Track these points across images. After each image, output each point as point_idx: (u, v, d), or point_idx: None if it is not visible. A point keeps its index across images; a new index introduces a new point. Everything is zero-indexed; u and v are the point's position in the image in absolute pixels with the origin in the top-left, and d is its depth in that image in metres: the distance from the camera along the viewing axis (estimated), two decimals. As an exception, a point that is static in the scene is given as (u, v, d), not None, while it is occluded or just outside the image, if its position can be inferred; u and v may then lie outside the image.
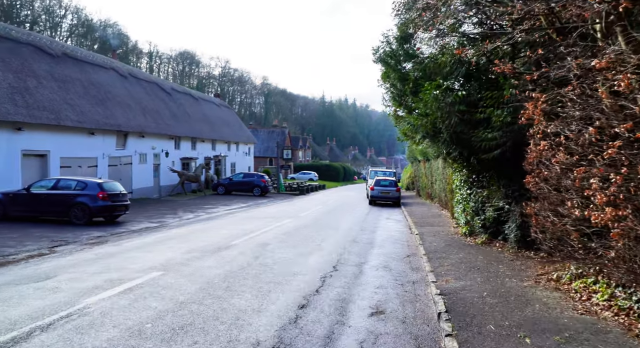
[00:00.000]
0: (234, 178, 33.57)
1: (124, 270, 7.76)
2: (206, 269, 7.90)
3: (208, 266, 8.15)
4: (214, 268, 8.00)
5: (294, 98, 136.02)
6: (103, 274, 7.39)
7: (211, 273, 7.57)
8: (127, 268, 7.93)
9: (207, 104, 42.64)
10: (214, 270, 7.80)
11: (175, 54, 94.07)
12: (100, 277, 7.19)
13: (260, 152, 63.01)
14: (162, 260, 8.70)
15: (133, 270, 7.70)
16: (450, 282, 7.26)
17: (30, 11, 61.16)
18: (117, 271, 7.63)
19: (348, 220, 17.51)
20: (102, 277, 7.13)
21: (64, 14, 64.99)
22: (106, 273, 7.47)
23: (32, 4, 60.97)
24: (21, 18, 58.52)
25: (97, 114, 23.02)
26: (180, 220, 17.13)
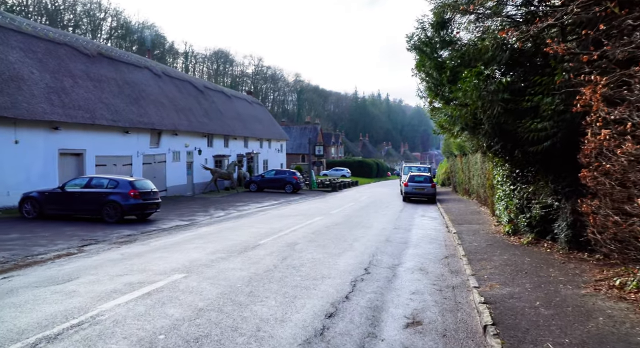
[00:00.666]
0: (266, 175, 33.43)
1: (146, 272, 7.46)
2: (230, 271, 7.50)
3: (232, 268, 7.74)
4: (238, 270, 7.59)
5: (326, 94, 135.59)
6: (124, 276, 7.12)
7: (235, 276, 7.15)
8: (150, 270, 7.64)
9: (240, 101, 42.75)
10: (238, 273, 7.39)
11: (209, 53, 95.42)
12: (121, 279, 6.91)
13: (292, 149, 62.90)
14: (187, 261, 8.38)
15: (155, 272, 7.39)
16: (495, 288, 6.53)
17: (73, 15, 63.35)
18: (139, 273, 7.34)
19: (381, 218, 16.84)
20: (123, 280, 6.85)
21: (103, 16, 66.95)
22: (128, 275, 7.20)
23: (75, 7, 63.12)
24: (65, 22, 60.66)
25: (131, 112, 23.28)
26: (211, 218, 16.95)
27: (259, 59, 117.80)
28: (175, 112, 28.16)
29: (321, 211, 19.07)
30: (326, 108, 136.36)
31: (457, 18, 10.22)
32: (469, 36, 10.43)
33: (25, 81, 17.74)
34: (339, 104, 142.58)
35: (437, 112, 11.31)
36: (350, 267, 8.16)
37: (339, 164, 67.15)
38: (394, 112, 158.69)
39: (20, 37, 19.34)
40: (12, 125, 16.82)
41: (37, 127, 17.79)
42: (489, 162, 15.02)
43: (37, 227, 13.32)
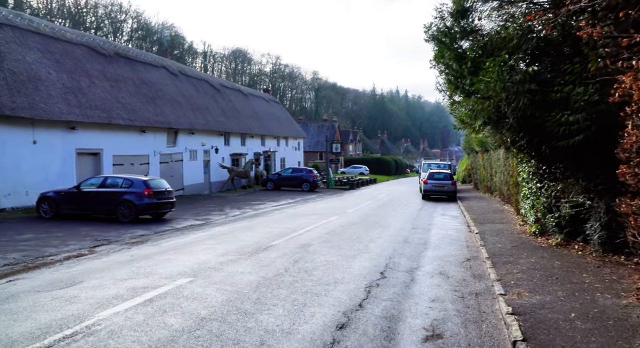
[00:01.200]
0: (283, 173, 33.17)
1: (152, 275, 7.17)
2: (238, 275, 7.14)
3: (241, 272, 7.38)
4: (247, 274, 7.22)
5: (344, 92, 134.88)
6: (129, 281, 6.83)
7: (243, 281, 6.79)
8: (156, 273, 7.34)
9: (256, 99, 42.58)
10: (246, 277, 7.02)
11: (228, 53, 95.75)
12: (125, 284, 6.63)
13: (310, 147, 62.55)
14: (195, 263, 8.06)
15: (161, 276, 7.09)
16: (523, 296, 5.99)
17: (95, 17, 64.30)
18: (145, 277, 7.05)
19: (399, 217, 16.30)
20: (127, 285, 6.56)
21: (124, 18, 67.75)
22: (132, 279, 6.91)
23: (96, 10, 64.05)
24: (87, 24, 61.59)
25: (147, 112, 23.25)
26: (226, 217, 16.71)
27: (276, 58, 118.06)
28: (192, 110, 28.08)
29: (337, 210, 18.63)
30: (344, 105, 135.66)
31: (479, 6, 9.63)
32: (491, 25, 9.84)
33: (43, 81, 17.79)
34: (357, 101, 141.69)
35: (457, 106, 10.73)
36: (366, 270, 7.70)
37: (356, 162, 66.53)
38: (412, 109, 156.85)
39: (38, 38, 19.43)
40: (30, 126, 16.89)
41: (55, 127, 17.83)
42: (513, 158, 14.33)
43: (53, 227, 13.26)
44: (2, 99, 15.64)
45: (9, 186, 16.23)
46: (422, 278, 7.35)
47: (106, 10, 65.65)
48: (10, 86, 16.17)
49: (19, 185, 16.53)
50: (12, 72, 16.60)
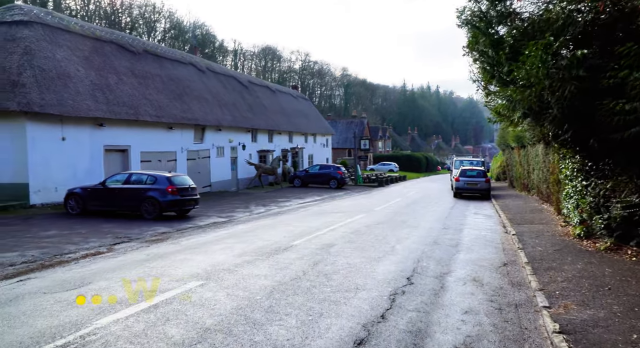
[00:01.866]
0: (310, 170, 32.74)
1: (163, 277, 6.79)
2: (253, 279, 6.66)
3: (256, 275, 6.91)
4: (262, 277, 6.74)
5: (373, 88, 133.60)
6: (138, 283, 6.47)
7: (257, 285, 6.30)
8: (167, 275, 6.97)
9: (284, 95, 42.30)
10: (261, 281, 6.53)
11: (257, 50, 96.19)
12: (132, 286, 6.27)
13: (338, 144, 61.93)
14: (209, 264, 7.65)
15: (172, 278, 6.70)
16: (571, 310, 5.24)
17: (130, 18, 65.73)
18: (155, 279, 6.68)
19: (429, 216, 15.50)
20: (134, 287, 6.20)
21: (157, 18, 68.95)
22: (142, 281, 6.55)
23: (131, 10, 65.47)
24: (122, 24, 63.01)
25: (174, 108, 23.23)
26: (250, 215, 16.38)
27: (305, 54, 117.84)
28: (219, 107, 27.99)
29: (364, 208, 17.98)
30: (374, 102, 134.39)
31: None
32: (532, 8, 8.97)
33: (72, 78, 17.92)
34: (386, 98, 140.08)
35: (493, 97, 9.91)
36: (391, 275, 7.07)
37: (386, 159, 65.43)
38: (444, 105, 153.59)
39: (68, 36, 19.62)
40: (59, 123, 17.02)
41: (83, 123, 17.94)
42: (553, 154, 13.29)
43: (77, 223, 13.23)
44: (31, 95, 15.80)
45: (39, 182, 16.41)
46: (453, 285, 6.66)
47: (140, 10, 67.03)
48: (39, 83, 16.32)
49: (48, 182, 16.70)
50: (41, 70, 16.76)
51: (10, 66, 16.34)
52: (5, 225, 12.51)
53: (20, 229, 11.92)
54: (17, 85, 15.82)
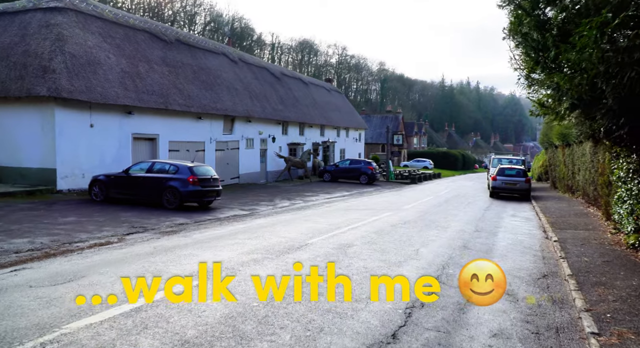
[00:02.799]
0: (340, 164, 32.03)
1: (160, 274, 6.28)
2: (254, 282, 6.04)
3: (260, 276, 6.29)
4: (264, 280, 6.10)
5: (411, 83, 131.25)
6: (131, 280, 5.96)
7: (256, 290, 5.68)
8: (166, 272, 6.46)
9: (317, 88, 41.62)
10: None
11: (295, 44, 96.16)
12: (121, 286, 5.78)
13: (372, 139, 60.81)
14: (213, 262, 7.09)
15: (167, 276, 6.18)
16: (628, 341, 4.30)
17: (172, 11, 66.89)
18: (149, 277, 6.17)
19: (461, 217, 14.45)
20: (123, 285, 5.68)
21: (197, 11, 69.83)
22: (135, 278, 6.02)
23: (173, 4, 66.58)
24: (165, 17, 64.13)
25: (204, 98, 23.02)
26: (274, 208, 15.87)
27: (342, 48, 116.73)
28: (250, 98, 27.64)
29: (393, 205, 17.10)
30: (411, 97, 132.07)
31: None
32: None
33: (101, 66, 17.89)
34: (424, 93, 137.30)
35: (536, 88, 8.83)
36: (410, 284, 6.28)
37: (420, 155, 63.72)
38: (484, 101, 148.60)
39: (101, 23, 19.64)
40: (88, 109, 17.03)
41: (112, 111, 17.91)
42: (604, 153, 11.97)
43: (97, 211, 13.07)
44: (61, 81, 15.81)
45: (67, 168, 16.48)
46: (482, 298, 5.79)
47: (182, 3, 67.99)
48: (69, 69, 16.32)
49: (75, 168, 16.75)
50: (72, 56, 16.76)
51: (42, 52, 16.44)
52: (27, 210, 12.49)
53: (40, 214, 11.84)
54: (48, 71, 15.88)
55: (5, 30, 17.69)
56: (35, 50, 16.53)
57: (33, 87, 15.62)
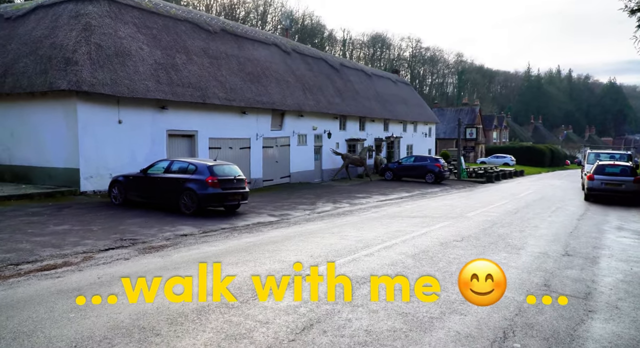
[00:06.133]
0: (403, 162, 28.90)
1: (31, 336, 4.13)
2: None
3: (190, 346, 3.89)
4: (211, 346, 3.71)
5: (492, 74, 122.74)
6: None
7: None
8: (41, 332, 4.28)
9: (381, 80, 38.56)
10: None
11: (367, 39, 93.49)
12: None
13: (445, 134, 56.20)
14: (140, 312, 4.84)
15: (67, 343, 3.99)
16: None
17: (245, 10, 67.38)
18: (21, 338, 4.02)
19: (544, 230, 10.91)
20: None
21: (266, 10, 69.61)
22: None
23: (246, 2, 67.02)
24: (237, 15, 64.59)
25: (249, 91, 21.22)
26: (310, 214, 13.53)
27: (417, 41, 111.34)
28: (302, 91, 25.48)
29: (455, 211, 13.86)
30: (491, 89, 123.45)
31: None
32: None
33: (132, 57, 16.62)
34: (506, 85, 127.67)
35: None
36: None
37: (501, 150, 57.74)
38: (577, 91, 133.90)
39: (137, 13, 18.49)
40: (115, 104, 15.82)
41: (143, 106, 16.61)
42: None
43: (103, 217, 11.52)
44: (82, 74, 14.64)
45: (91, 168, 15.37)
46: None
47: (256, 2, 68.12)
48: (93, 60, 15.13)
49: (101, 168, 15.60)
50: (98, 46, 15.59)
51: (67, 43, 15.45)
52: (30, 215, 11.22)
53: (35, 222, 10.46)
54: (70, 63, 14.80)
55: (38, 24, 17.07)
56: (62, 42, 15.60)
57: (55, 81, 14.63)
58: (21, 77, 15.50)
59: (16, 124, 16.28)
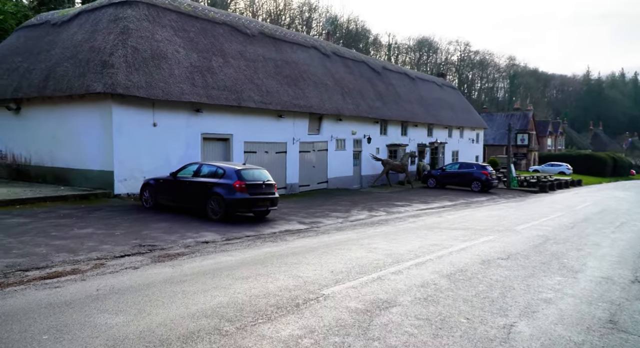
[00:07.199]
0: (448, 168, 27.45)
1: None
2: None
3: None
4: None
5: (547, 78, 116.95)
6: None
7: None
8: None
9: (426, 83, 37.14)
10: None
11: (412, 43, 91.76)
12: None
13: (494, 140, 53.61)
14: (159, 324, 4.24)
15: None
16: None
17: (290, 16, 67.93)
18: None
19: (606, 249, 9.47)
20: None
21: (310, 16, 69.85)
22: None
23: (292, 10, 67.63)
24: (283, 22, 65.24)
25: (285, 94, 20.76)
26: (342, 222, 12.75)
27: (465, 44, 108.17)
28: (342, 95, 24.75)
29: (502, 224, 12.56)
30: (546, 94, 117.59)
31: None
32: None
33: (168, 60, 16.55)
34: (563, 89, 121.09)
35: None
36: None
37: (556, 158, 54.26)
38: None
39: (175, 16, 18.52)
40: (150, 107, 15.75)
41: (177, 108, 16.47)
42: None
43: (130, 221, 11.25)
44: (118, 77, 14.64)
45: (126, 171, 15.32)
46: None
47: (301, 9, 68.57)
48: (129, 63, 15.14)
49: (136, 171, 15.54)
50: (134, 50, 15.61)
51: (105, 47, 15.57)
52: (59, 218, 11.12)
53: (61, 224, 10.29)
54: (106, 66, 14.86)
55: (80, 28, 17.41)
56: (99, 45, 15.74)
57: (91, 84, 14.71)
58: (61, 80, 15.78)
59: (57, 127, 16.60)
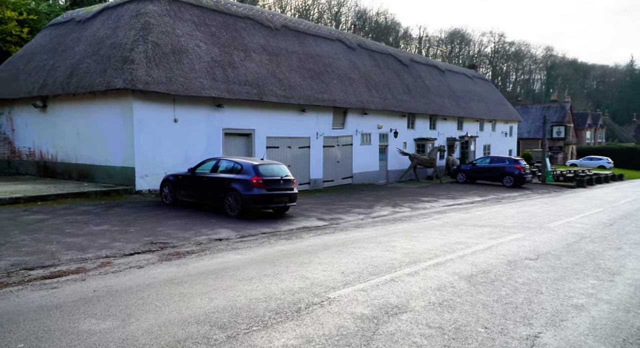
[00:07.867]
0: (478, 163, 26.41)
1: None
2: None
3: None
4: None
5: (586, 69, 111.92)
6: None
7: None
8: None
9: (456, 75, 35.95)
10: None
11: (444, 35, 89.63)
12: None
13: (529, 133, 51.58)
14: (146, 331, 3.97)
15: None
16: None
17: (318, 10, 67.46)
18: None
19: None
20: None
21: (339, 10, 69.14)
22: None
23: (319, 2, 67.09)
24: (311, 16, 64.83)
25: (308, 88, 20.38)
26: (363, 219, 12.32)
27: (499, 35, 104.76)
28: (367, 88, 24.17)
29: (533, 221, 11.77)
30: (586, 85, 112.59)
31: None
32: None
33: (188, 54, 16.46)
34: (604, 80, 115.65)
35: None
36: None
37: (595, 152, 51.69)
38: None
39: (197, 11, 18.43)
40: (171, 103, 15.71)
41: (198, 104, 16.37)
42: None
43: (146, 217, 11.14)
44: (138, 72, 14.62)
45: (147, 167, 15.35)
46: None
47: (329, 3, 67.96)
48: (149, 59, 15.11)
49: (157, 167, 15.54)
50: (155, 45, 15.57)
51: (125, 42, 15.60)
52: (78, 214, 11.13)
53: (78, 221, 10.28)
54: (127, 62, 14.87)
55: (103, 25, 17.55)
56: (121, 41, 15.79)
57: (112, 80, 14.76)
58: (84, 76, 15.93)
59: (81, 124, 16.80)
